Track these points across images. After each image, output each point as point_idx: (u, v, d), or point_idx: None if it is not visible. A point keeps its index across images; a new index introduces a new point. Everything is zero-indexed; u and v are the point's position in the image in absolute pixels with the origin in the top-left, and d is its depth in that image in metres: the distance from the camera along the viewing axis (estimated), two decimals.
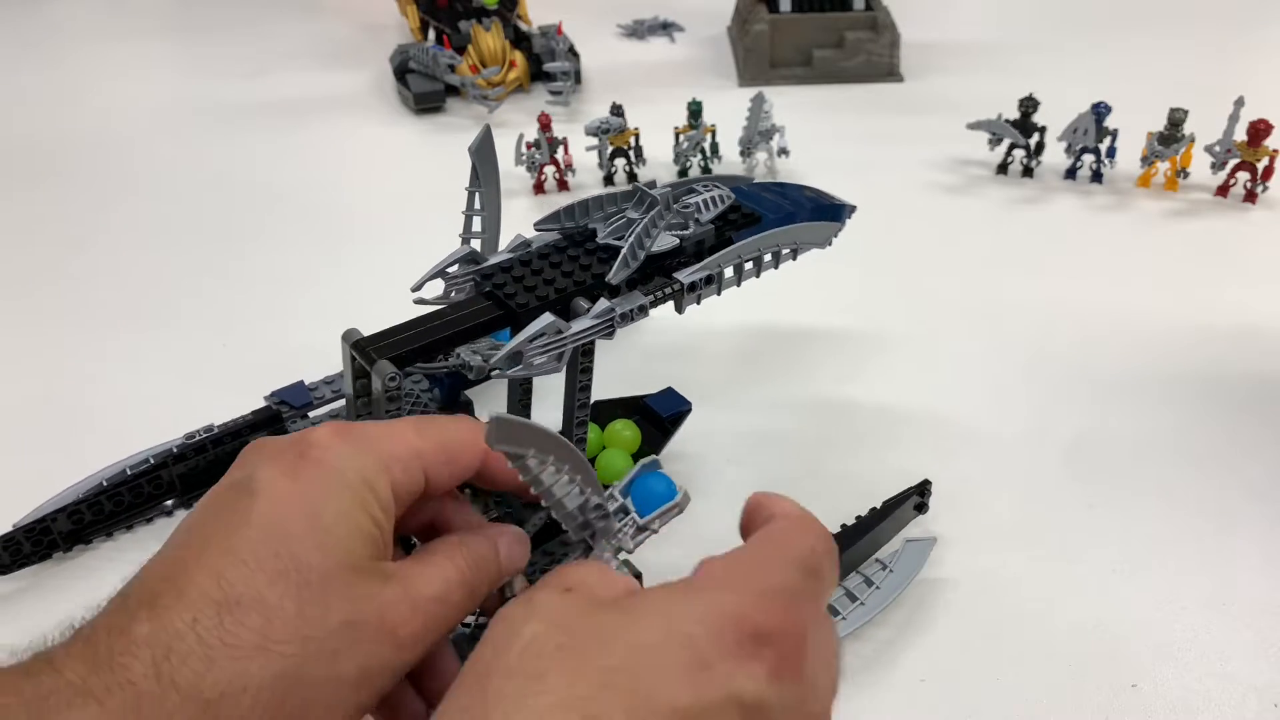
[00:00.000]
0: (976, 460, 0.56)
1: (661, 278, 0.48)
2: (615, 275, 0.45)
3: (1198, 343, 0.65)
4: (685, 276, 0.47)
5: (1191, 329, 0.67)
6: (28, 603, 0.49)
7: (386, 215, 0.84)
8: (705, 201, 0.49)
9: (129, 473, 0.51)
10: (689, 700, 0.26)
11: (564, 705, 0.25)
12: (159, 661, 0.28)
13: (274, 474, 0.32)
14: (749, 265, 0.50)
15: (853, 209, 0.57)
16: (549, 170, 0.85)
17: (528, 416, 0.51)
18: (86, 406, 0.62)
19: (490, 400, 0.60)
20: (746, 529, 0.34)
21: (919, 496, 0.51)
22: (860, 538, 0.48)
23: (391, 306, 0.49)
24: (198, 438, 0.53)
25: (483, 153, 0.50)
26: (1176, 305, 0.70)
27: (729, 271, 0.49)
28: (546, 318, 0.42)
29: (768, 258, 0.51)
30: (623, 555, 0.38)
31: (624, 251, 0.45)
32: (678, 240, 0.48)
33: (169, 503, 0.53)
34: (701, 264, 0.48)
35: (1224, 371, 0.63)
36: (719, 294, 0.50)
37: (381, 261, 0.76)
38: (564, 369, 0.45)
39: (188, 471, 0.53)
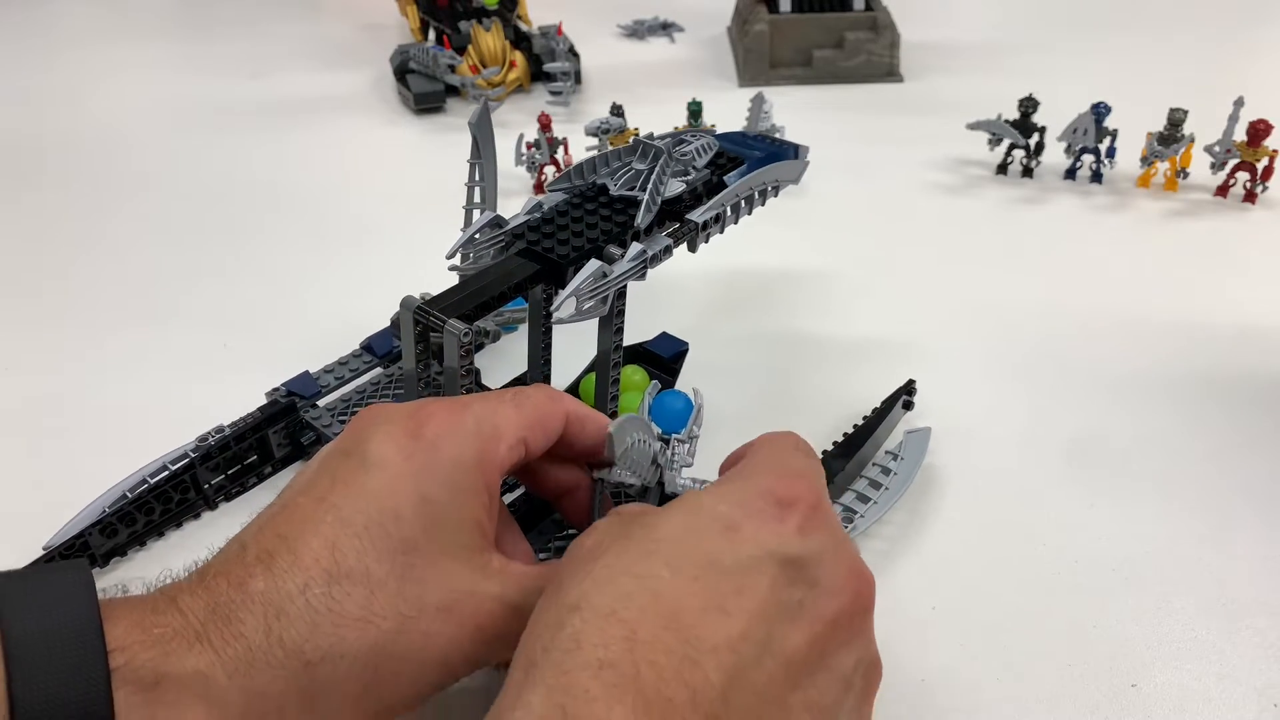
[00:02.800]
0: (975, 459, 0.56)
1: (673, 221, 0.51)
2: (641, 220, 0.49)
3: (1198, 343, 0.65)
4: (698, 216, 0.51)
5: (1191, 329, 0.67)
6: None
7: (386, 215, 0.84)
8: (698, 149, 0.54)
9: (150, 481, 0.50)
10: (724, 554, 0.30)
11: (616, 569, 0.30)
12: (270, 620, 0.31)
13: (388, 450, 0.34)
14: (743, 204, 0.55)
15: (805, 149, 0.60)
16: (549, 170, 0.86)
17: (549, 374, 0.54)
18: (88, 407, 0.61)
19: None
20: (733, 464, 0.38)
21: (906, 395, 0.57)
22: (867, 437, 0.53)
23: (392, 304, 0.49)
24: (211, 439, 0.52)
25: (481, 126, 0.53)
26: (1176, 305, 0.70)
27: (729, 210, 0.53)
28: (594, 263, 0.45)
29: (756, 196, 0.55)
30: (689, 473, 0.42)
31: (645, 198, 0.49)
32: (685, 185, 0.52)
33: (200, 507, 0.53)
34: (709, 204, 0.52)
35: (1224, 371, 0.63)
36: (722, 232, 0.53)
37: (380, 261, 0.77)
38: (607, 312, 0.48)
39: (211, 472, 0.52)
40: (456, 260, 0.50)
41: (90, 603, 0.30)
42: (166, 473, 0.51)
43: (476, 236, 0.49)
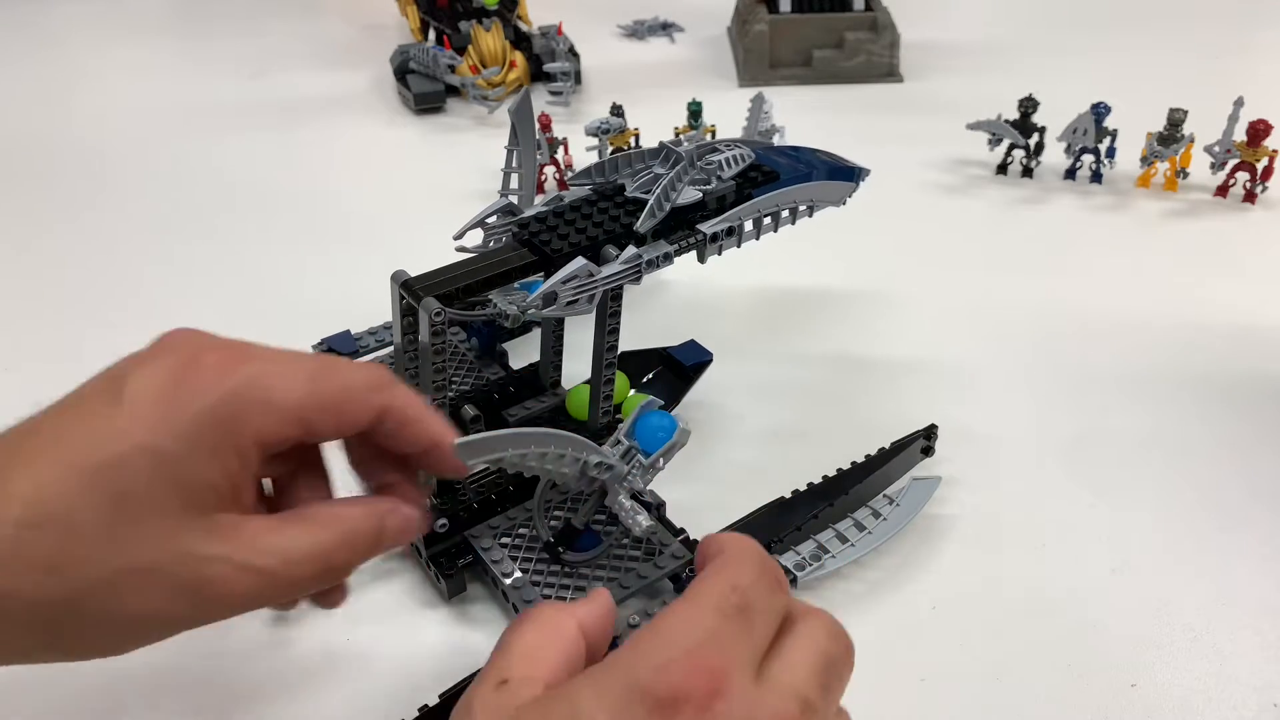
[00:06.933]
0: (976, 460, 0.56)
1: (685, 229, 0.51)
2: (643, 224, 0.48)
3: (1198, 342, 0.65)
4: (707, 228, 0.51)
5: (1191, 329, 0.67)
6: None
7: (386, 215, 0.84)
8: (727, 160, 0.52)
9: None
10: None
11: None
12: None
13: (144, 390, 0.33)
14: (767, 220, 0.54)
15: (866, 172, 0.60)
16: (549, 170, 0.86)
17: (559, 365, 0.54)
18: None
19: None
20: (697, 570, 0.33)
21: (925, 440, 0.54)
22: (867, 475, 0.51)
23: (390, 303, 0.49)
24: None
25: (521, 113, 0.54)
26: (1176, 305, 0.70)
27: (748, 225, 0.53)
28: (579, 261, 0.45)
29: (785, 214, 0.54)
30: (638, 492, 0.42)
31: (651, 202, 0.48)
32: (701, 194, 0.51)
33: None
34: (722, 216, 0.51)
35: (1224, 371, 0.63)
36: (739, 246, 0.53)
37: (380, 261, 0.76)
38: (594, 311, 0.47)
39: None
40: (465, 242, 0.51)
41: None
42: None
43: (489, 220, 0.50)
